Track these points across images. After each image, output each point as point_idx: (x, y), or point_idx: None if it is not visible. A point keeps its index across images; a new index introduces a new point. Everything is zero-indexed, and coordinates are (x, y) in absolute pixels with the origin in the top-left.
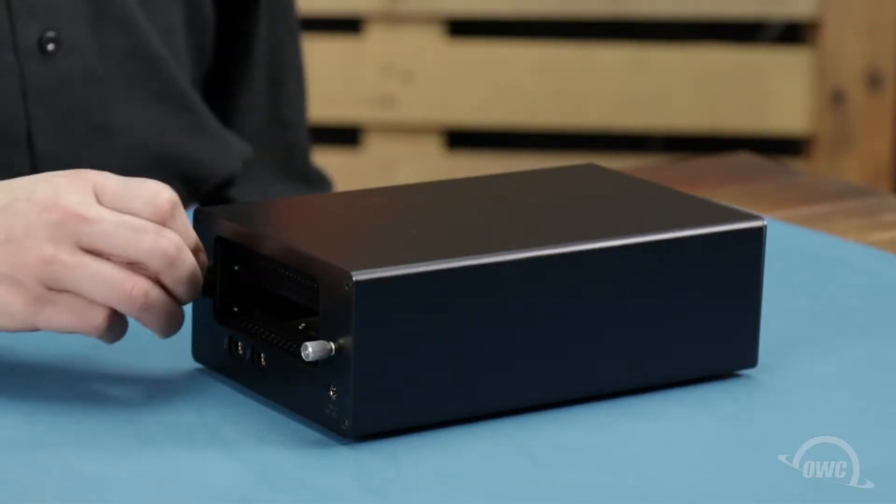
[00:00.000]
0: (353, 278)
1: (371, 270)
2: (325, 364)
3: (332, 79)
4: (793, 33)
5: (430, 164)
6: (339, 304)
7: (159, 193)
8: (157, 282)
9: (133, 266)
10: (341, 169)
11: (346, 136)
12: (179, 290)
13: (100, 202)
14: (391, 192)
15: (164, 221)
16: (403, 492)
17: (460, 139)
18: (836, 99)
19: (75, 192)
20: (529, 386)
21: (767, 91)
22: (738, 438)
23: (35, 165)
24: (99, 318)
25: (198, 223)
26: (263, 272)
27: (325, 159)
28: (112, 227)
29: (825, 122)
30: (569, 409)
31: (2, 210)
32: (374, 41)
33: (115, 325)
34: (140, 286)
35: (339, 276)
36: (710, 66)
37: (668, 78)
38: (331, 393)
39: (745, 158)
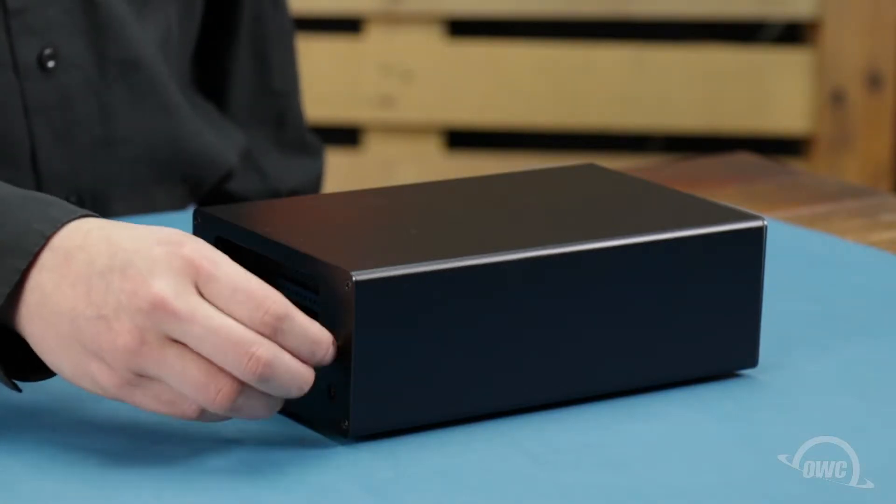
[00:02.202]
0: (353, 278)
1: (371, 270)
2: (325, 364)
3: (331, 79)
4: (793, 33)
5: (430, 164)
6: (339, 304)
7: (264, 304)
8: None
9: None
10: (341, 169)
11: (346, 136)
12: (273, 396)
13: (200, 292)
14: (391, 192)
15: (268, 334)
16: (403, 492)
17: (460, 139)
18: (836, 99)
19: (173, 274)
20: (529, 386)
21: (767, 91)
22: (738, 438)
23: (40, 182)
24: (190, 409)
25: (198, 223)
26: (263, 272)
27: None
28: (202, 331)
29: (825, 122)
30: (569, 409)
31: (99, 276)
32: (374, 41)
33: (211, 414)
34: (226, 392)
35: (339, 276)
36: (710, 66)
37: (668, 78)
38: (331, 393)
39: (745, 158)
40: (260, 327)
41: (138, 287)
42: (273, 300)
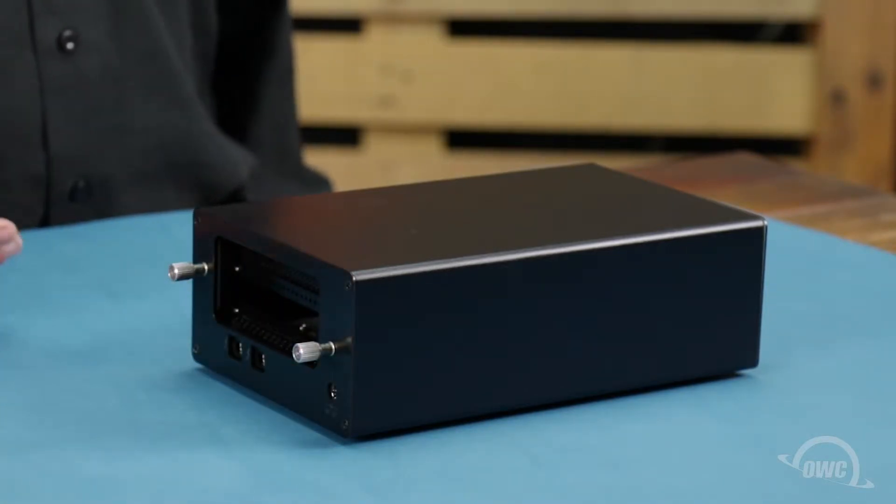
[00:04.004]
0: (353, 278)
1: (371, 270)
2: (325, 364)
3: (332, 79)
4: (793, 33)
5: (430, 164)
6: (339, 304)
7: None
8: None
9: None
10: (341, 169)
11: (346, 136)
12: None
13: None
14: (391, 192)
15: None
16: (403, 492)
17: (460, 139)
18: (836, 99)
19: None
20: (529, 386)
21: (767, 91)
22: (738, 438)
23: (50, 164)
24: None
25: (198, 223)
26: (263, 272)
27: (325, 159)
28: None
29: (825, 122)
30: (569, 409)
31: None
32: (374, 41)
33: None
34: None
35: (339, 276)
36: (710, 66)
37: (668, 78)
38: (331, 393)
39: (745, 158)
40: None
41: None
42: None
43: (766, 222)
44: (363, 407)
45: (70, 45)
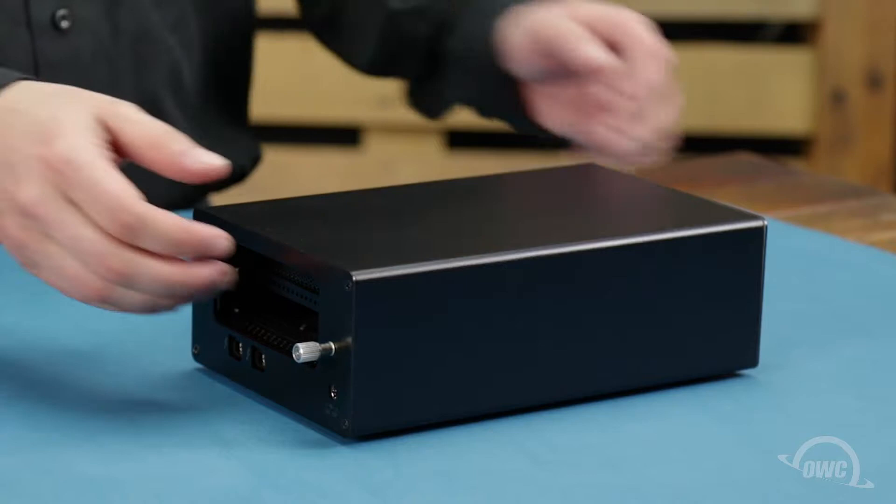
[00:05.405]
0: (353, 278)
1: (371, 270)
2: (325, 364)
3: (332, 79)
4: (793, 33)
5: (430, 164)
6: (339, 304)
7: (122, 207)
8: None
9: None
10: (341, 169)
11: (346, 136)
12: (149, 294)
13: (69, 195)
14: (391, 192)
15: (129, 238)
16: (403, 492)
17: (460, 139)
18: (836, 99)
19: (40, 181)
20: (529, 386)
21: (767, 91)
22: (738, 438)
23: None
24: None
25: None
26: (263, 272)
27: (325, 159)
28: (64, 238)
29: (825, 122)
30: (569, 409)
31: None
32: None
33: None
34: (96, 289)
35: (339, 276)
36: (710, 66)
37: None
38: (331, 393)
39: (745, 158)
40: (119, 231)
41: (11, 190)
42: (129, 204)
43: (766, 222)
44: (363, 407)
45: (65, 24)
